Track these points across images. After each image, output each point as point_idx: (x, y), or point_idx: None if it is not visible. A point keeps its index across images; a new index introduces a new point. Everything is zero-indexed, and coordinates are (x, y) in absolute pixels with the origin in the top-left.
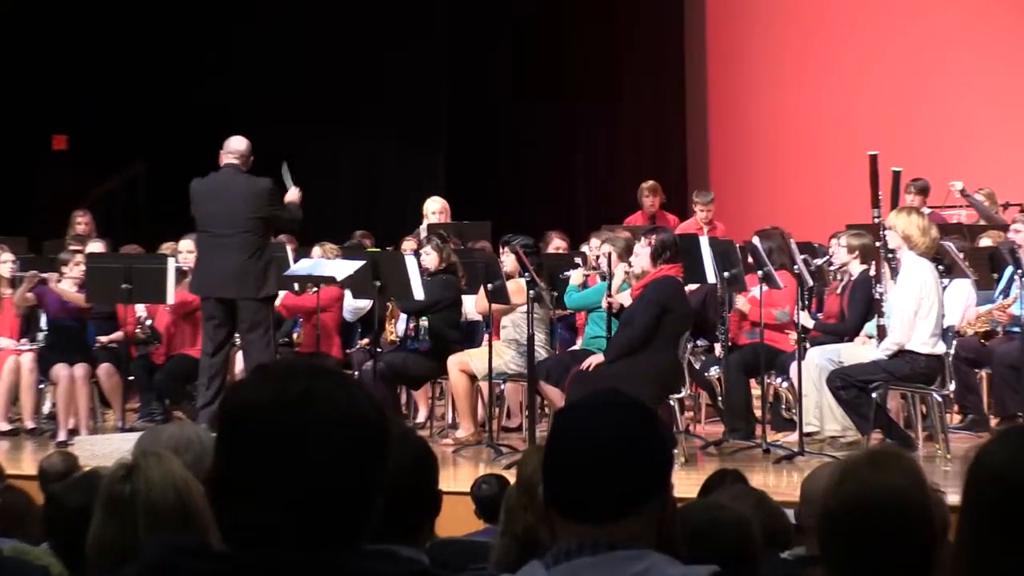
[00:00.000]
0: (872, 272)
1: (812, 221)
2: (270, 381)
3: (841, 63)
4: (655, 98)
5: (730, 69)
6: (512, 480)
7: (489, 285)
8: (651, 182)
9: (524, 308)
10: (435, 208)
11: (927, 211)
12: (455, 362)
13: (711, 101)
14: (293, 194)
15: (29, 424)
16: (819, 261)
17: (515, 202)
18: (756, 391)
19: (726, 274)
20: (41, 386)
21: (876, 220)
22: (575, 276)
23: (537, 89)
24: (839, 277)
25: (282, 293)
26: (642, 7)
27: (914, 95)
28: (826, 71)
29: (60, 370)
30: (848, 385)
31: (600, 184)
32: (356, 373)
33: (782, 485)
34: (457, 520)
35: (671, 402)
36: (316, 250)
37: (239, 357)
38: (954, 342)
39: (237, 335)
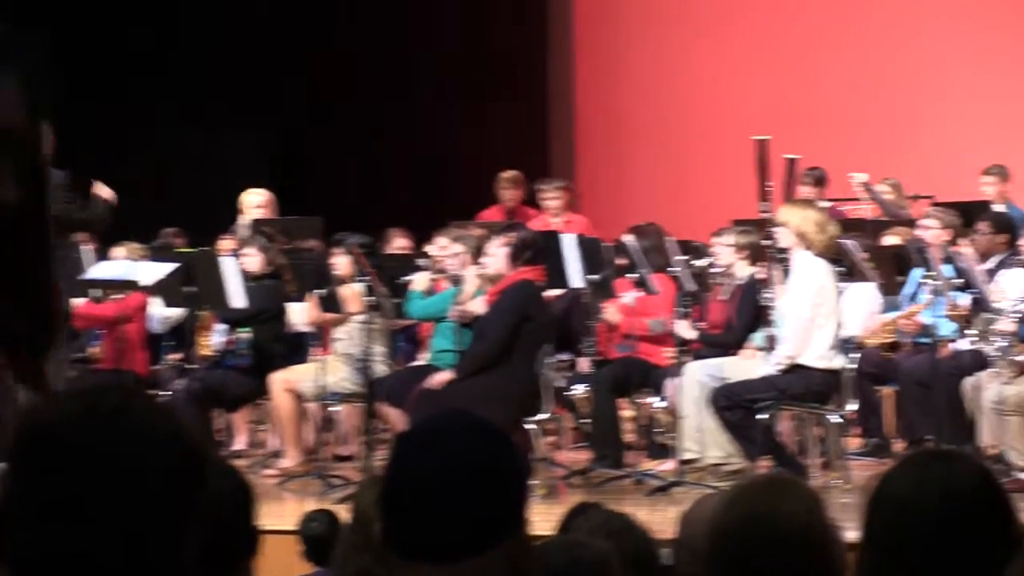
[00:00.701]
0: (761, 275)
1: (693, 217)
2: (78, 396)
3: (727, 40)
4: (513, 79)
5: (599, 48)
6: (345, 516)
7: (319, 291)
8: (512, 172)
9: (360, 318)
10: (257, 201)
11: (824, 205)
12: (280, 380)
13: (578, 83)
14: (103, 188)
15: None
16: (701, 262)
17: (350, 194)
18: (627, 412)
19: (594, 277)
20: None
21: (765, 215)
22: (419, 281)
23: (378, 68)
24: (723, 281)
25: (79, 301)
26: None
27: (809, 76)
28: (710, 48)
29: None
30: (733, 405)
31: (449, 176)
32: (164, 393)
33: (656, 520)
34: (282, 563)
35: (529, 425)
36: (119, 251)
37: None
38: (854, 355)
39: None
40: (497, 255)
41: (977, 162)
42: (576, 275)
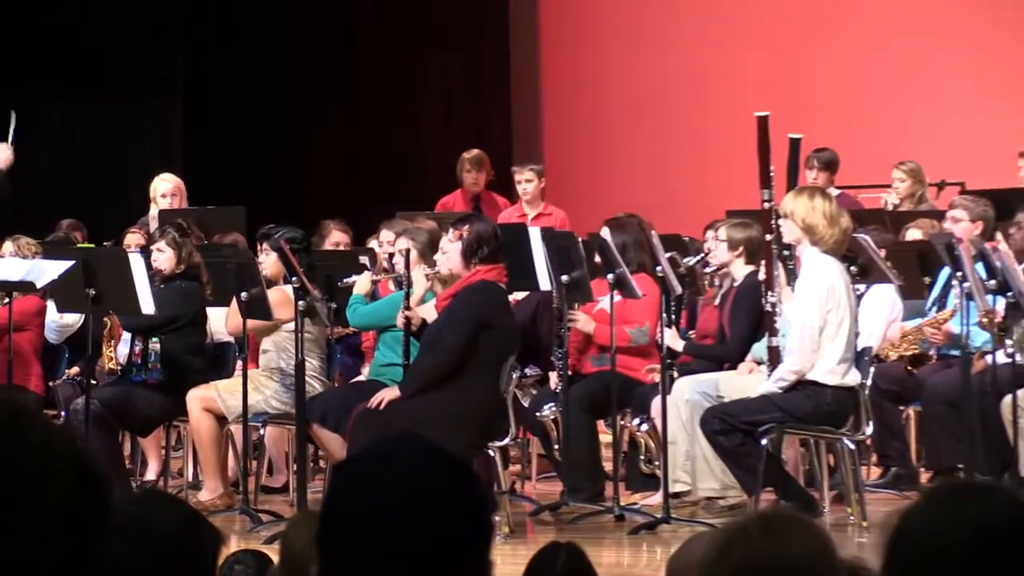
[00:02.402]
0: (762, 276)
1: (681, 207)
2: None
3: (719, 2)
4: (469, 47)
5: (566, 14)
6: (275, 558)
7: (243, 294)
8: (475, 152)
9: (291, 326)
10: (166, 188)
11: (835, 192)
12: (197, 398)
13: (544, 49)
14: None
15: None
16: (691, 260)
17: (278, 180)
18: (606, 437)
19: (565, 278)
20: None
21: (767, 205)
22: (361, 283)
23: (307, 30)
24: (717, 282)
25: None
26: None
27: (815, 44)
28: (699, 11)
29: None
30: (730, 428)
31: (396, 158)
32: (62, 413)
33: (640, 564)
34: None
35: (491, 451)
36: (8, 246)
37: None
38: (872, 370)
39: None
40: (450, 252)
41: (1014, 144)
42: (544, 275)
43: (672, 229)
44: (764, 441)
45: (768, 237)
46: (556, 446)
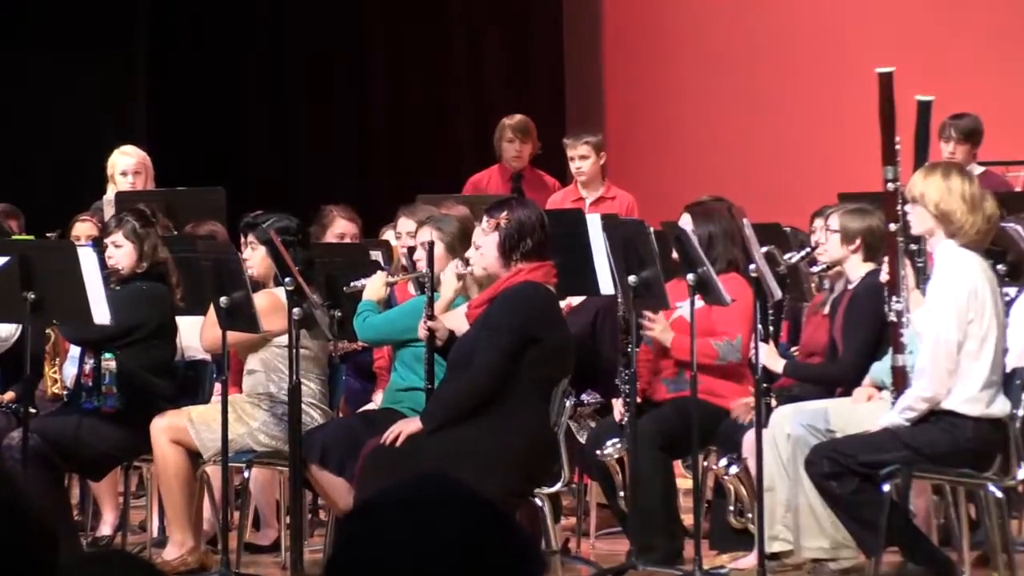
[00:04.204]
0: (885, 276)
1: (780, 189)
2: None
3: None
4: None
5: None
6: None
7: (223, 299)
8: (518, 118)
9: (283, 340)
10: (127, 165)
11: (978, 170)
12: (164, 429)
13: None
14: None
15: None
16: (794, 257)
17: (267, 154)
18: (684, 482)
19: (632, 279)
20: None
21: (891, 187)
22: (373, 285)
23: None
24: (827, 285)
25: None
26: None
27: None
28: None
29: None
30: (843, 471)
31: (415, 126)
32: None
33: None
34: None
35: (538, 500)
36: None
37: None
38: None
39: None
40: (485, 245)
41: None
42: (606, 276)
43: (770, 217)
44: (887, 487)
45: (892, 227)
46: (621, 493)
